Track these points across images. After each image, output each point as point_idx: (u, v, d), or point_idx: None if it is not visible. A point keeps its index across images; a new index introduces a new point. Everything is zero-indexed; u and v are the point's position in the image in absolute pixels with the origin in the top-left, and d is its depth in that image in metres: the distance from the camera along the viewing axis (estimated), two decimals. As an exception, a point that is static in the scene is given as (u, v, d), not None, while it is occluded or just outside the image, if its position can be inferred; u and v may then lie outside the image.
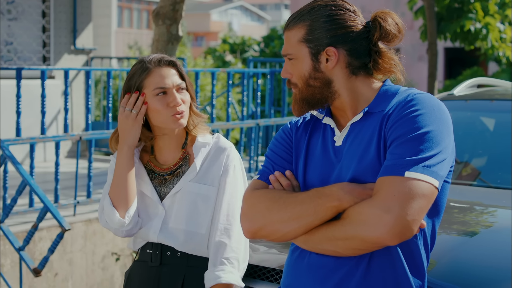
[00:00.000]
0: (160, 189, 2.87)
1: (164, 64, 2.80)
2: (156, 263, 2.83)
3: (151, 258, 2.85)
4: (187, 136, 2.89)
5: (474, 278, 2.75)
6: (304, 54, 2.21)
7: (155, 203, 2.84)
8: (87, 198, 6.70)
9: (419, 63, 25.01)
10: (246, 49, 26.69)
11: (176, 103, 2.76)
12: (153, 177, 2.88)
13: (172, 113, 2.76)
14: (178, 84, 2.79)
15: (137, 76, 2.79)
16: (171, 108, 2.76)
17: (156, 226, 2.82)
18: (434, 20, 10.44)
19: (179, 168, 2.86)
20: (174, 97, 2.77)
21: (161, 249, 2.83)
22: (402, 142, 2.05)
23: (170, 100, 2.76)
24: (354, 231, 2.02)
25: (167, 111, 2.77)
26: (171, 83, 2.78)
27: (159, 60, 2.79)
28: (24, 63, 9.64)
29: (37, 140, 6.22)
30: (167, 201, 2.84)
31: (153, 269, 2.84)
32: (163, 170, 2.87)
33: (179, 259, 2.81)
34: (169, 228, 2.81)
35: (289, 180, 2.26)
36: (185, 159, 2.87)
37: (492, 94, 4.77)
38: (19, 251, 5.31)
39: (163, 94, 2.77)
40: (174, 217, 2.81)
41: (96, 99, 13.29)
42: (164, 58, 2.80)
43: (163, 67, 2.79)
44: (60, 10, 9.95)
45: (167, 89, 2.77)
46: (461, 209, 3.57)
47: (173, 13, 5.25)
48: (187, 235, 2.80)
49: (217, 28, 57.86)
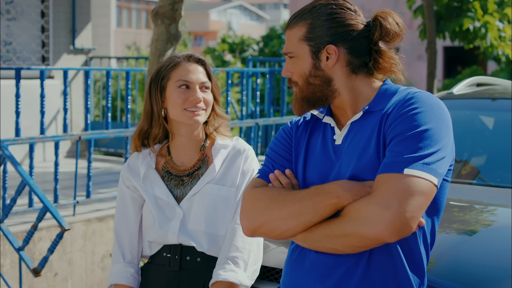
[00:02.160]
0: (176, 190, 2.85)
1: (193, 60, 2.84)
2: (175, 268, 2.80)
3: (169, 262, 2.81)
4: (206, 138, 2.89)
5: (474, 276, 2.75)
6: (305, 52, 2.22)
7: (172, 206, 2.82)
8: (87, 198, 6.69)
9: (418, 62, 25.02)
10: (245, 49, 26.68)
11: (196, 98, 2.77)
12: (169, 179, 2.86)
13: (189, 108, 2.77)
14: (202, 81, 2.81)
15: (165, 67, 2.83)
16: (190, 102, 2.77)
17: (175, 226, 2.79)
18: (433, 19, 10.44)
19: (197, 169, 2.85)
20: (195, 93, 2.78)
21: (180, 253, 2.79)
22: (401, 140, 2.05)
23: (191, 95, 2.77)
24: (353, 228, 2.02)
25: (185, 105, 2.77)
26: (196, 79, 2.80)
27: (189, 56, 2.84)
28: (23, 63, 9.63)
29: (37, 140, 6.21)
30: (185, 203, 2.82)
31: (171, 273, 2.80)
32: (180, 172, 2.86)
33: (198, 265, 2.78)
34: (188, 230, 2.79)
35: (289, 179, 2.27)
36: (203, 160, 2.86)
37: (491, 93, 4.78)
38: (19, 251, 5.30)
39: (186, 87, 2.79)
40: (193, 219, 2.79)
41: (96, 99, 13.29)
42: (194, 55, 2.85)
43: (192, 63, 2.83)
44: (59, 10, 9.94)
45: (190, 84, 2.79)
46: (461, 208, 3.57)
47: (172, 13, 5.25)
48: (207, 237, 2.78)
49: (216, 27, 57.87)
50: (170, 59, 2.86)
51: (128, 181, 2.91)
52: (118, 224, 2.92)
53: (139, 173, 2.88)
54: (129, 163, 2.94)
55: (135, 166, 2.91)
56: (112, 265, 2.91)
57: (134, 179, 2.89)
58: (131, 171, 2.91)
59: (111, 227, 6.63)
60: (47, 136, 6.38)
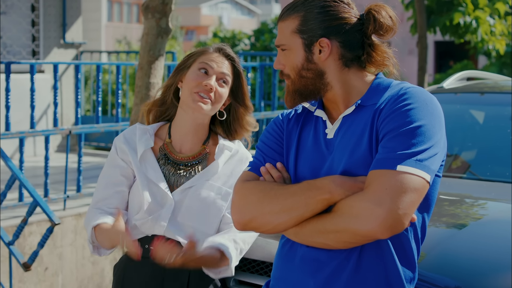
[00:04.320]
0: (171, 177, 2.81)
1: (223, 53, 2.84)
2: None
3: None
4: (210, 135, 2.88)
5: (463, 270, 2.76)
6: (297, 45, 2.21)
7: (164, 193, 2.76)
8: (77, 193, 6.68)
9: (409, 56, 25.04)
10: (236, 43, 26.65)
11: (208, 83, 2.75)
12: (166, 163, 2.83)
13: (198, 91, 2.76)
14: (222, 72, 2.80)
15: (197, 53, 2.85)
16: (202, 87, 2.76)
17: (165, 216, 2.74)
18: (424, 14, 10.45)
19: (197, 163, 2.83)
20: (210, 79, 2.77)
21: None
22: (394, 136, 2.05)
23: (205, 79, 2.76)
24: (345, 224, 2.02)
25: (196, 87, 2.76)
26: (217, 68, 2.79)
27: (220, 48, 2.85)
28: (13, 57, 9.59)
29: (27, 135, 6.19)
30: (177, 193, 2.77)
31: (155, 265, 2.70)
32: (178, 159, 2.83)
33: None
34: (178, 222, 2.75)
35: (280, 172, 2.26)
36: (204, 155, 2.85)
37: (481, 87, 4.79)
38: (9, 246, 5.29)
39: (205, 73, 2.78)
40: (184, 212, 2.75)
41: (86, 93, 13.25)
42: (225, 49, 2.86)
43: (220, 55, 2.83)
44: (49, 4, 9.89)
45: (210, 70, 2.78)
46: (451, 202, 3.58)
47: (162, 7, 5.22)
48: (195, 233, 2.72)
49: (208, 22, 57.77)
50: (203, 48, 2.88)
51: (122, 154, 2.83)
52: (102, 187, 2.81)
53: (136, 150, 2.82)
54: (125, 136, 2.87)
55: (132, 141, 2.84)
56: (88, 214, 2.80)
57: (130, 154, 2.81)
58: (128, 145, 2.83)
59: (102, 221, 6.61)
60: (37, 131, 6.36)
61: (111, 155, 2.85)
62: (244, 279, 3.10)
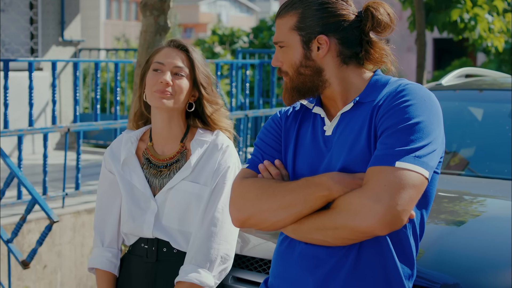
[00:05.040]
0: (154, 180, 2.82)
1: (173, 45, 2.82)
2: (152, 259, 2.79)
3: (146, 253, 2.81)
4: (188, 131, 2.86)
5: (461, 267, 2.76)
6: (296, 42, 2.21)
7: (147, 198, 2.79)
8: (76, 190, 6.67)
9: (408, 53, 25.04)
10: (235, 41, 26.61)
11: (163, 80, 2.74)
12: (148, 167, 2.84)
13: (157, 89, 2.74)
14: (176, 66, 2.78)
15: (152, 55, 2.84)
16: (158, 84, 2.74)
17: (150, 221, 2.77)
18: (423, 11, 10.44)
19: (176, 162, 2.82)
20: (164, 75, 2.75)
21: (157, 245, 2.78)
22: (393, 132, 2.05)
23: (159, 77, 2.75)
24: (343, 220, 2.02)
25: (154, 87, 2.75)
26: (169, 62, 2.77)
27: (171, 41, 2.83)
28: (11, 55, 9.58)
29: (25, 132, 6.18)
30: (160, 196, 2.79)
31: (148, 265, 2.80)
32: (159, 161, 2.83)
33: (175, 256, 2.77)
34: (163, 225, 2.77)
35: (278, 169, 2.26)
36: (182, 153, 2.83)
37: (480, 84, 4.78)
38: (8, 243, 5.28)
39: (160, 72, 2.77)
40: (166, 215, 2.76)
41: (85, 91, 13.24)
42: (176, 41, 2.83)
43: (172, 48, 2.81)
44: (47, 2, 9.88)
45: (162, 67, 2.77)
46: (450, 199, 3.58)
47: (160, 4, 5.22)
48: (181, 234, 2.76)
49: (206, 19, 57.71)
50: (158, 47, 2.87)
51: (108, 165, 2.90)
52: (98, 207, 2.91)
53: (120, 158, 2.86)
54: (111, 147, 2.92)
55: (117, 150, 2.89)
56: (93, 249, 2.92)
57: (114, 163, 2.87)
58: (113, 155, 2.89)
59: (101, 219, 6.61)
60: (35, 128, 6.35)
61: (101, 169, 2.95)
62: (242, 276, 3.10)
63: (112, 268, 2.87)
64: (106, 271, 2.86)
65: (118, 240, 2.90)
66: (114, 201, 2.88)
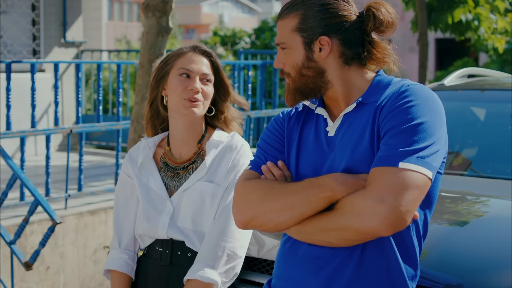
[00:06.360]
0: (171, 182, 2.83)
1: (199, 51, 2.83)
2: (166, 262, 2.79)
3: (160, 256, 2.81)
4: (206, 132, 2.87)
5: (464, 267, 2.76)
6: (297, 43, 2.21)
7: (163, 199, 2.81)
8: (78, 192, 6.67)
9: (410, 54, 25.02)
10: (237, 41, 26.60)
11: (194, 87, 2.75)
12: (166, 170, 2.85)
13: (187, 97, 2.75)
14: (204, 73, 2.79)
15: (172, 56, 2.83)
16: (188, 92, 2.75)
17: (165, 221, 2.78)
18: (425, 11, 10.44)
19: (192, 163, 2.83)
20: (194, 82, 2.76)
21: (171, 248, 2.78)
22: (396, 133, 2.05)
23: (189, 84, 2.76)
24: (347, 221, 2.02)
25: (183, 94, 2.75)
26: (197, 69, 2.78)
27: (195, 46, 2.84)
28: (14, 56, 9.59)
29: (28, 134, 6.19)
30: (175, 197, 2.80)
31: (162, 268, 2.80)
32: (176, 164, 2.84)
33: (189, 260, 2.76)
34: (178, 226, 2.78)
35: (281, 171, 2.26)
36: (199, 155, 2.84)
37: (482, 84, 4.78)
38: (10, 245, 5.29)
39: (186, 77, 2.77)
40: (181, 216, 2.78)
41: (87, 92, 13.25)
42: (200, 46, 2.84)
43: (197, 54, 2.82)
44: (49, 3, 9.89)
45: (191, 73, 2.77)
46: (453, 199, 3.58)
47: (162, 5, 5.22)
48: (195, 234, 2.77)
49: (208, 20, 57.73)
50: (177, 50, 2.86)
51: (126, 169, 2.92)
52: (116, 210, 2.92)
53: (137, 162, 2.89)
54: (130, 152, 2.95)
55: (135, 155, 2.92)
56: (110, 251, 2.92)
57: (131, 167, 2.90)
58: (131, 160, 2.92)
59: (103, 220, 6.62)
60: (38, 130, 6.35)
61: (120, 173, 2.97)
62: (246, 277, 3.10)
63: (129, 271, 2.86)
64: (122, 273, 2.86)
65: (135, 244, 2.90)
66: (131, 204, 2.90)
